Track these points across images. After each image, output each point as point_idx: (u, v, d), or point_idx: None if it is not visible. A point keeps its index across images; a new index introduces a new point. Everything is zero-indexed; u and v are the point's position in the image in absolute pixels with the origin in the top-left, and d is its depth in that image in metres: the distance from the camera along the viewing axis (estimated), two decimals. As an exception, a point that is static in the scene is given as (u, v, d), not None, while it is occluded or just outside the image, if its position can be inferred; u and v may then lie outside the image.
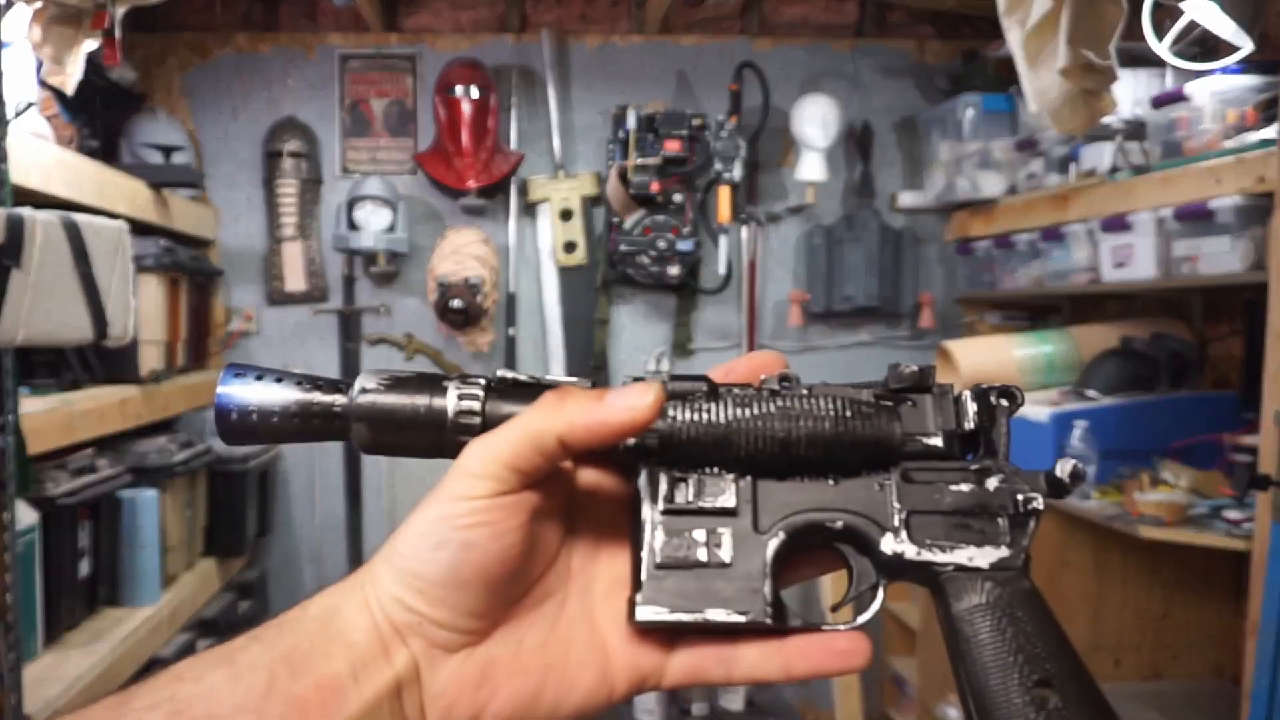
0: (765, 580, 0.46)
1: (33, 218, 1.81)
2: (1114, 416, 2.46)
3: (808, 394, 0.48)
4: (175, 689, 0.42)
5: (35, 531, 1.96)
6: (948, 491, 0.48)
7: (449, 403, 0.47)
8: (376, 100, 3.35)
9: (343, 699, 0.42)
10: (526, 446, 0.45)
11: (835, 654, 0.46)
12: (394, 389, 0.48)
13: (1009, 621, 0.45)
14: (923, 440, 0.48)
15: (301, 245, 3.32)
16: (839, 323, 3.46)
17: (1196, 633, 2.55)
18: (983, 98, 3.08)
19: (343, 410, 0.49)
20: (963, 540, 0.47)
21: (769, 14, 3.45)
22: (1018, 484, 0.48)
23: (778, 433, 0.47)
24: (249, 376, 0.50)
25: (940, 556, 0.47)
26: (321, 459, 3.37)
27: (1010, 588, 0.46)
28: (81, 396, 2.24)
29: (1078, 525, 2.50)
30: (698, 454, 0.47)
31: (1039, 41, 1.98)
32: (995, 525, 0.47)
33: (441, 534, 0.44)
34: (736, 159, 3.24)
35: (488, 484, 0.44)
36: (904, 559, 0.47)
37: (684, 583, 0.46)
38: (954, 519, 0.47)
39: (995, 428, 0.49)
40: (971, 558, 0.47)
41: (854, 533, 0.47)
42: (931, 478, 0.48)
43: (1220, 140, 2.26)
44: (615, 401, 0.44)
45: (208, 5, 3.30)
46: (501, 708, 0.45)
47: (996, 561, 0.47)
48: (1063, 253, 2.76)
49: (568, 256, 3.34)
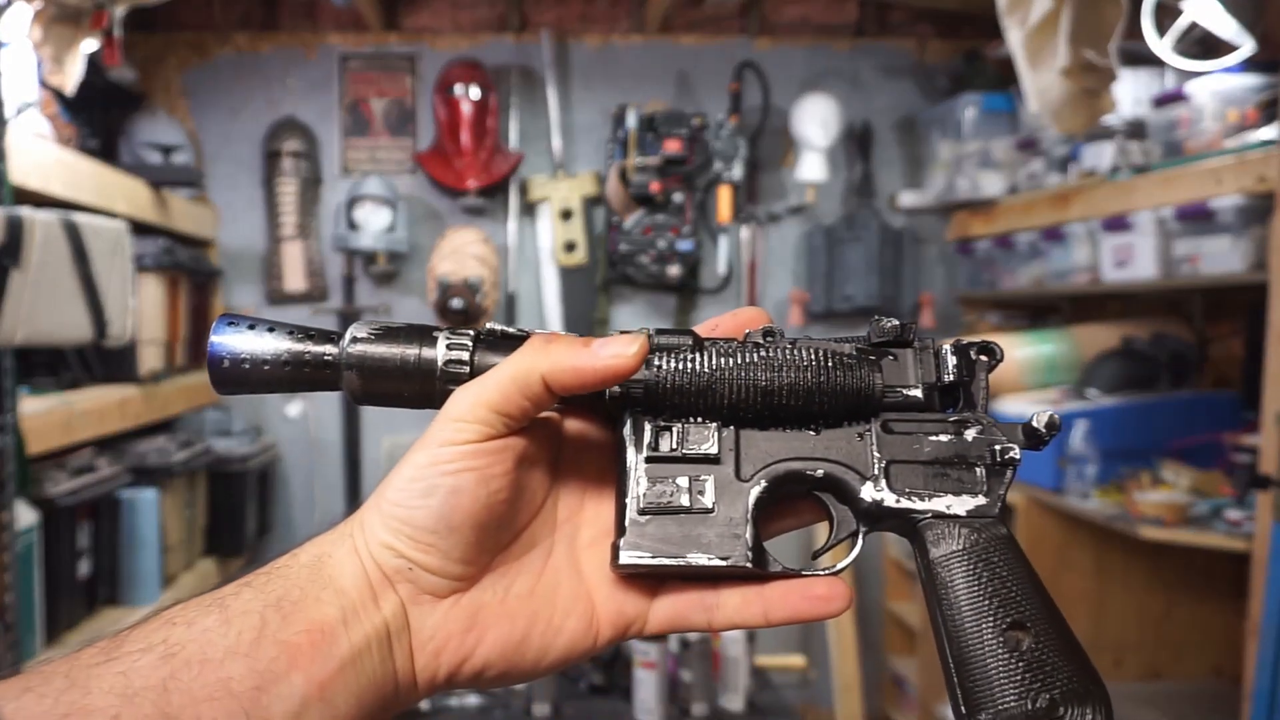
0: (747, 526, 0.47)
1: (32, 218, 1.81)
2: (1114, 416, 2.46)
3: (791, 346, 0.49)
4: (168, 633, 0.43)
5: (35, 531, 1.96)
6: (927, 441, 0.49)
7: (438, 353, 0.48)
8: (376, 100, 3.35)
9: (333, 642, 0.43)
10: (512, 389, 0.45)
11: (813, 599, 0.47)
12: (384, 339, 0.49)
13: (984, 566, 0.46)
14: (903, 391, 0.49)
15: (301, 245, 3.32)
16: (839, 322, 3.46)
17: (1197, 633, 2.55)
18: (983, 97, 3.08)
19: (334, 360, 0.49)
20: (941, 489, 0.48)
21: (769, 14, 3.44)
22: (995, 435, 0.49)
23: (760, 382, 0.48)
24: (242, 326, 0.50)
25: (918, 504, 0.48)
26: (321, 459, 3.37)
27: (986, 534, 0.47)
28: (81, 396, 2.24)
29: (1078, 525, 2.50)
30: (681, 403, 0.48)
31: (1039, 41, 1.97)
32: (973, 474, 0.49)
33: (430, 480, 0.45)
34: (736, 159, 3.24)
35: (474, 429, 0.45)
36: (883, 506, 0.48)
37: (666, 528, 0.47)
38: (932, 468, 0.49)
39: (975, 382, 0.50)
40: (949, 505, 0.48)
41: (834, 481, 0.49)
42: (911, 428, 0.49)
43: (1221, 140, 2.26)
44: (600, 349, 0.46)
45: (207, 5, 3.30)
46: (488, 652, 0.47)
47: (973, 509, 0.48)
48: (1063, 253, 2.76)
49: (568, 256, 3.34)
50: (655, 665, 2.17)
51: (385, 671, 0.45)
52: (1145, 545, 2.27)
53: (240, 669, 0.42)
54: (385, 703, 0.45)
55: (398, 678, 0.46)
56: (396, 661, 0.45)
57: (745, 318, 0.51)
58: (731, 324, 0.51)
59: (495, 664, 0.47)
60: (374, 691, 0.44)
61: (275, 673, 0.42)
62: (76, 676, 0.41)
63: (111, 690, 0.41)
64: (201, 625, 0.43)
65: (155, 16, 2.97)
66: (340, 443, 3.37)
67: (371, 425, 3.38)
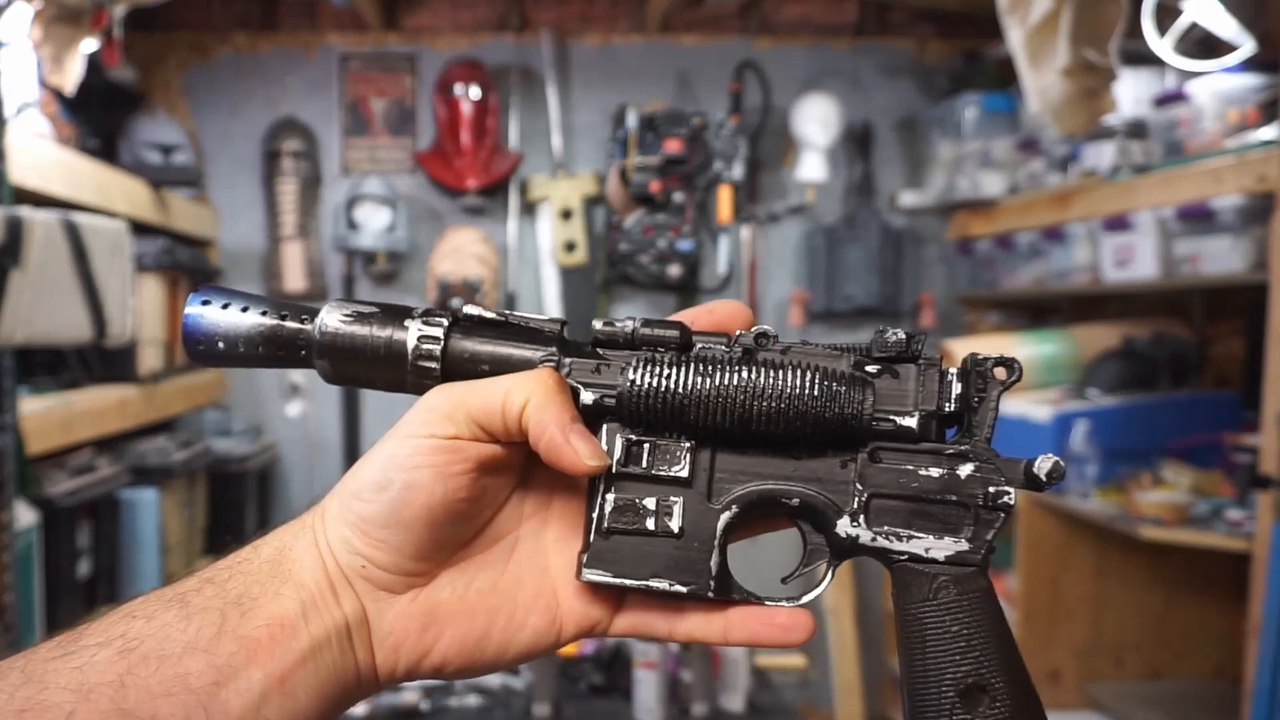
0: (713, 553, 0.46)
1: (32, 218, 1.81)
2: (1115, 416, 2.46)
3: (779, 363, 0.46)
4: (127, 627, 0.43)
5: (35, 531, 1.96)
6: (915, 475, 0.46)
7: (409, 338, 0.47)
8: (376, 100, 3.34)
9: (293, 636, 0.43)
10: (493, 407, 0.45)
11: (774, 627, 0.46)
12: (357, 321, 0.47)
13: (953, 620, 0.44)
14: (896, 420, 0.46)
15: (301, 245, 3.32)
16: (840, 322, 3.46)
17: (1197, 633, 2.55)
18: (983, 97, 3.07)
19: (306, 341, 0.48)
20: (922, 529, 0.45)
21: (769, 14, 3.44)
22: (992, 474, 0.46)
23: (738, 410, 0.45)
24: (216, 303, 0.49)
25: (896, 545, 0.46)
26: (321, 459, 3.37)
27: (962, 585, 0.45)
28: (81, 396, 2.24)
29: (1079, 525, 2.50)
30: (655, 420, 0.46)
31: (1040, 41, 1.97)
32: (960, 515, 0.45)
33: (387, 474, 0.44)
34: (736, 159, 3.24)
35: (443, 425, 0.45)
36: (858, 543, 0.46)
37: (631, 549, 0.46)
38: (917, 505, 0.46)
39: (984, 403, 0.47)
40: (928, 548, 0.45)
41: (810, 510, 0.47)
42: (900, 460, 0.46)
43: (1221, 140, 2.26)
44: (579, 445, 0.44)
45: (207, 5, 3.30)
46: (447, 648, 0.46)
47: (954, 555, 0.45)
48: (1063, 253, 2.76)
49: (568, 256, 3.34)
50: (655, 665, 2.17)
51: (346, 664, 0.45)
52: (1146, 545, 2.27)
53: (199, 664, 0.42)
54: (347, 693, 0.45)
55: (359, 669, 0.45)
56: (357, 654, 0.45)
57: (723, 314, 0.49)
58: (708, 321, 0.49)
59: (454, 660, 0.46)
60: (335, 683, 0.44)
61: (234, 667, 0.42)
62: (33, 671, 0.41)
63: (68, 686, 0.40)
64: (161, 620, 0.43)
65: (155, 16, 2.97)
66: (340, 443, 3.37)
67: (372, 425, 3.38)
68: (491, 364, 0.47)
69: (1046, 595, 2.54)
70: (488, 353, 0.47)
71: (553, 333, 0.49)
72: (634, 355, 0.47)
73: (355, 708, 2.24)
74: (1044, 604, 2.54)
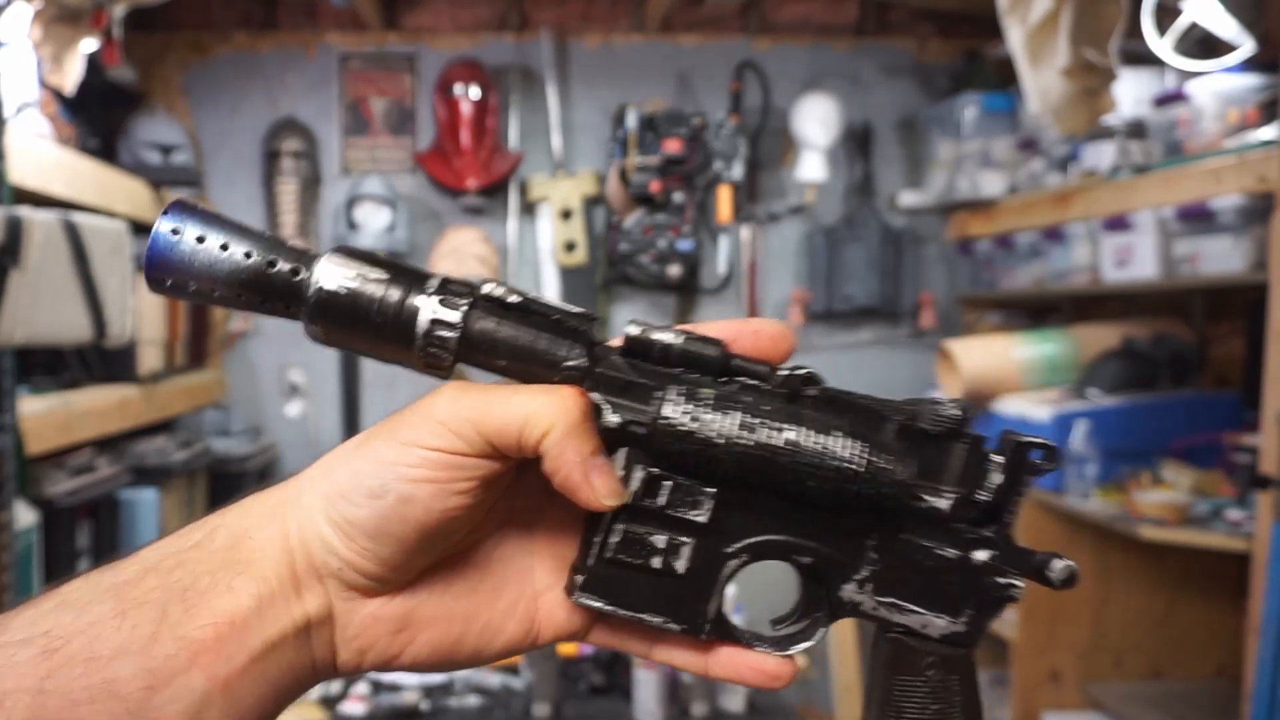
0: (714, 599, 0.44)
1: (32, 218, 1.81)
2: (1115, 416, 2.46)
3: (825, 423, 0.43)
4: (55, 620, 0.39)
5: (35, 531, 1.96)
6: (930, 554, 0.44)
7: (422, 318, 0.42)
8: (376, 99, 3.34)
9: (243, 635, 0.40)
10: (511, 430, 0.41)
11: (758, 672, 0.45)
12: (362, 285, 0.42)
13: (933, 700, 0.43)
14: (929, 500, 0.44)
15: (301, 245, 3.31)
16: (840, 322, 3.46)
17: (1198, 633, 2.55)
18: (983, 97, 3.07)
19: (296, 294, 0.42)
20: (924, 605, 0.44)
21: (769, 13, 3.44)
22: (1004, 565, 0.44)
23: (777, 472, 0.43)
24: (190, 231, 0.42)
25: (895, 617, 0.45)
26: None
27: (949, 667, 0.44)
28: (81, 396, 2.24)
29: (1079, 525, 2.50)
30: (684, 464, 0.43)
31: (1040, 41, 1.97)
32: (964, 598, 0.44)
33: (382, 479, 0.41)
34: (736, 159, 3.24)
35: (452, 440, 0.41)
36: (859, 608, 0.45)
37: (630, 581, 0.44)
38: (925, 581, 0.44)
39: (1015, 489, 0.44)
40: (925, 625, 0.44)
41: (820, 570, 0.45)
42: (920, 535, 0.44)
43: (1221, 140, 2.26)
44: (598, 483, 0.41)
45: (207, 4, 3.30)
46: (420, 650, 0.44)
47: (949, 635, 0.44)
48: (1063, 253, 2.76)
49: (568, 256, 3.33)
50: (656, 665, 2.17)
51: (301, 660, 0.42)
52: (1146, 545, 2.27)
53: (130, 669, 0.38)
54: (300, 686, 0.42)
55: (315, 665, 0.43)
56: (315, 652, 0.42)
57: (768, 338, 0.45)
58: (751, 343, 0.45)
59: (425, 662, 0.44)
60: (287, 679, 0.42)
61: (171, 670, 0.38)
62: None
63: None
64: (93, 615, 0.39)
65: (155, 16, 2.97)
66: (340, 443, 3.36)
67: (371, 425, 3.37)
68: (511, 359, 0.43)
69: (1046, 595, 2.53)
70: (508, 346, 0.43)
71: (583, 330, 0.43)
72: (669, 380, 0.43)
73: (354, 708, 2.24)
74: (1044, 604, 2.54)
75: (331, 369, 3.36)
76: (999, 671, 2.86)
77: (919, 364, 3.38)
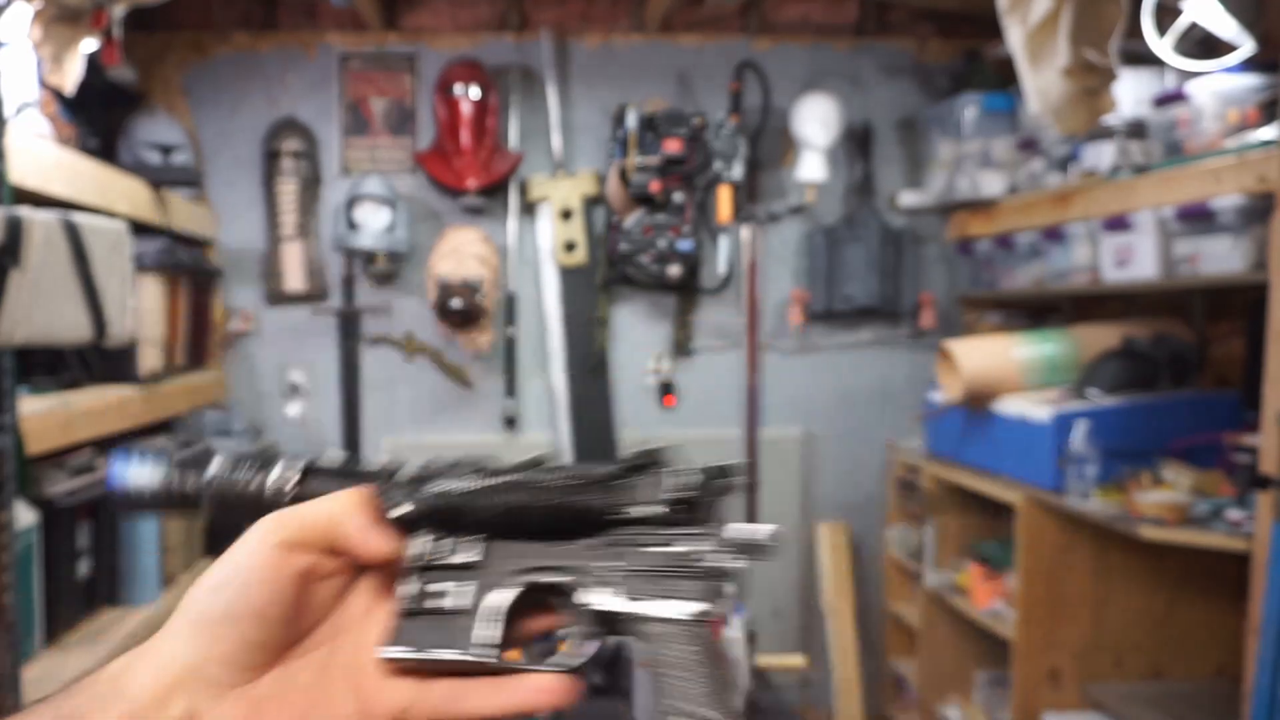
0: (498, 626, 0.53)
1: (32, 218, 1.81)
2: (1115, 416, 2.46)
3: (541, 479, 0.55)
4: None
5: (35, 531, 1.96)
6: (663, 554, 0.54)
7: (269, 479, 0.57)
8: (376, 99, 3.34)
9: None
10: (313, 520, 0.52)
11: (537, 691, 0.52)
12: (232, 468, 0.58)
13: (679, 669, 0.52)
14: (645, 509, 0.55)
15: (301, 245, 3.32)
16: (839, 322, 3.46)
17: (1198, 633, 2.55)
18: (983, 97, 3.07)
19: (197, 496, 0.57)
20: (657, 594, 0.53)
21: (769, 13, 3.44)
22: (715, 548, 0.54)
23: (525, 515, 0.55)
24: (128, 466, 0.59)
25: (635, 608, 0.53)
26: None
27: (687, 643, 0.53)
28: (81, 396, 2.24)
29: (1079, 526, 2.50)
30: (447, 520, 0.55)
31: (1039, 41, 1.97)
32: (689, 583, 0.54)
33: (226, 575, 0.50)
34: (736, 159, 3.24)
35: (275, 533, 0.51)
36: (604, 611, 0.53)
37: (427, 627, 0.53)
38: (653, 575, 0.54)
39: (710, 494, 0.55)
40: (670, 612, 0.53)
41: (572, 587, 0.54)
42: (656, 541, 0.54)
43: (1221, 140, 2.26)
44: (371, 538, 0.53)
45: (207, 5, 3.30)
46: None
47: (684, 616, 0.53)
48: (1063, 253, 2.76)
49: (568, 256, 3.34)
50: (655, 665, 2.18)
51: None
52: (1146, 545, 2.27)
53: None
54: None
55: None
56: None
57: None
58: None
59: None
60: None
61: None
62: None
63: None
64: None
65: (155, 16, 2.97)
66: (340, 443, 3.37)
67: (371, 425, 3.38)
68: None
69: (1046, 595, 2.54)
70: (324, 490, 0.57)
71: (385, 471, 0.57)
72: (438, 475, 0.56)
73: None
74: (1044, 604, 2.54)
75: (332, 369, 3.36)
76: (999, 671, 2.86)
77: (919, 364, 3.39)
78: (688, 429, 3.44)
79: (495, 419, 3.39)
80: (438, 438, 3.38)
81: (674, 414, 3.45)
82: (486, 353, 3.34)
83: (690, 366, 3.45)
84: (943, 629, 3.09)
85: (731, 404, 3.43)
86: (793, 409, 3.47)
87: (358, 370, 3.37)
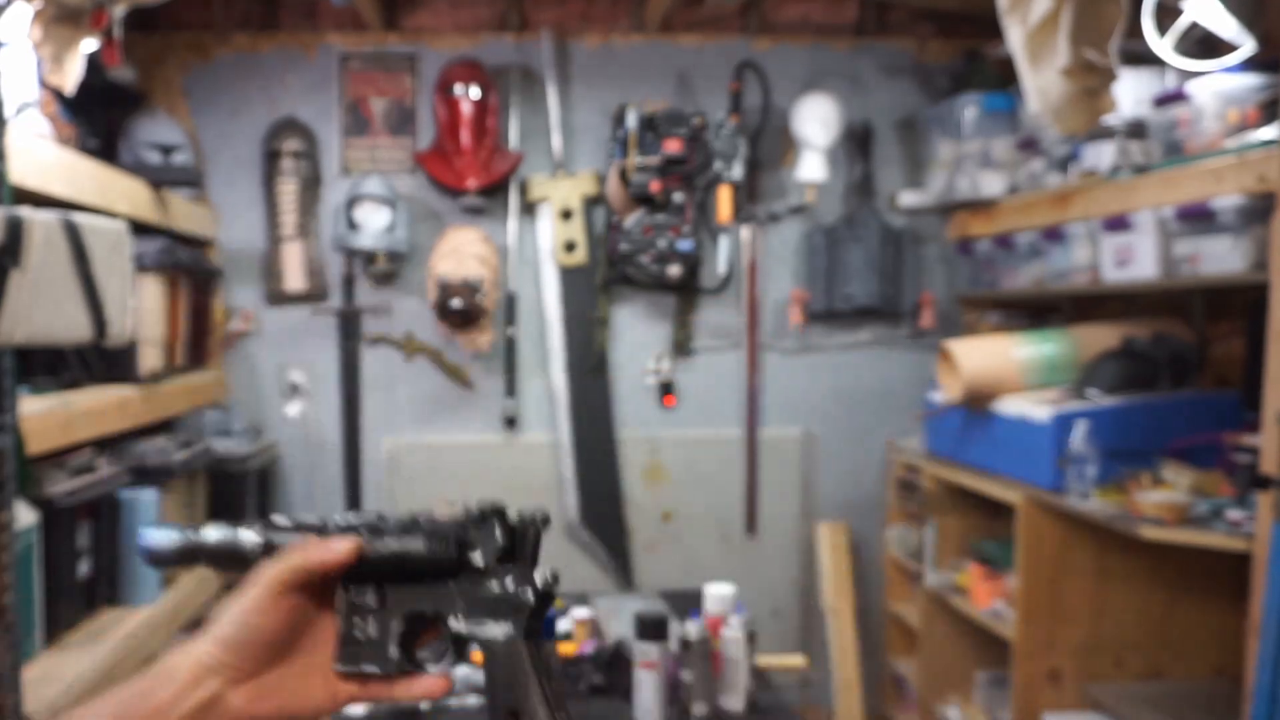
0: (394, 647, 0.75)
1: (32, 218, 1.81)
2: (1115, 416, 2.46)
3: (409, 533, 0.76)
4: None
5: (35, 531, 1.96)
6: (489, 591, 0.75)
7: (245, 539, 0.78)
8: (376, 100, 3.34)
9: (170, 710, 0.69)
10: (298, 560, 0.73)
11: (432, 686, 0.76)
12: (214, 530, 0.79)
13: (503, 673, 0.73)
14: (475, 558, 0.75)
15: (301, 245, 3.32)
16: (839, 322, 3.46)
17: (1198, 633, 2.55)
18: (983, 97, 3.07)
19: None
20: (489, 619, 0.74)
21: (769, 13, 3.44)
22: (521, 585, 0.74)
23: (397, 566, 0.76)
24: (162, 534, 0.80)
25: (480, 632, 0.74)
26: (321, 459, 3.37)
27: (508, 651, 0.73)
28: (81, 396, 2.24)
29: (1079, 526, 2.50)
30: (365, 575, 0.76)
31: (1040, 40, 1.97)
32: (506, 609, 0.74)
33: (242, 605, 0.72)
34: (736, 159, 3.24)
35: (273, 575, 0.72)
36: (462, 633, 0.75)
37: (356, 649, 0.76)
38: (490, 608, 0.74)
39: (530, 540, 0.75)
40: (489, 631, 0.74)
41: (439, 615, 0.76)
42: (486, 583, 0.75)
43: (1222, 140, 2.26)
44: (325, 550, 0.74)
45: (207, 5, 3.30)
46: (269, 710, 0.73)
47: (507, 634, 0.74)
48: (1063, 253, 2.76)
49: (568, 256, 3.34)
50: (656, 665, 2.17)
51: None
52: (1146, 545, 2.27)
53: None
54: None
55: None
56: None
57: None
58: None
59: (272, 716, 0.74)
60: None
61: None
62: None
63: None
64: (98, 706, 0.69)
65: (155, 16, 2.97)
66: (340, 443, 3.37)
67: (371, 425, 3.38)
68: None
69: (1046, 595, 2.54)
70: None
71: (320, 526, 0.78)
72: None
73: (355, 708, 2.24)
74: (1044, 604, 2.54)
75: (332, 369, 3.36)
76: (999, 672, 2.87)
77: (919, 364, 3.39)
78: (688, 429, 3.44)
79: (495, 419, 3.39)
80: (437, 438, 3.38)
81: (674, 414, 3.45)
82: (486, 353, 3.35)
83: (690, 366, 3.45)
84: (943, 629, 3.09)
85: (731, 404, 3.43)
86: (793, 409, 3.47)
87: (358, 370, 3.37)
